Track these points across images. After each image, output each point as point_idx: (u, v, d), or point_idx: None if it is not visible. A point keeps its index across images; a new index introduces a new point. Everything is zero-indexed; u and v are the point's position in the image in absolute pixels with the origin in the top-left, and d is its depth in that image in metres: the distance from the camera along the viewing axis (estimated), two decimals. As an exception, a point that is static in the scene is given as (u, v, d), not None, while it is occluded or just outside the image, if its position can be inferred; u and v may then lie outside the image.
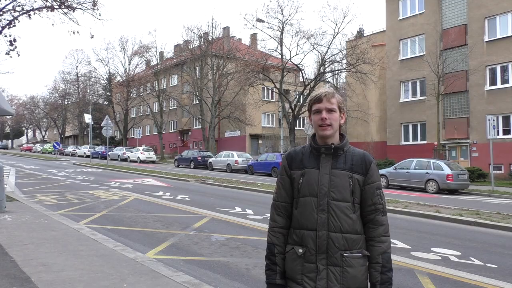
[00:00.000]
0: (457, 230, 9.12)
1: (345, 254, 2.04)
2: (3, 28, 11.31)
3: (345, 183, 2.09)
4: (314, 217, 2.08)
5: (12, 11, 11.46)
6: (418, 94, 29.26)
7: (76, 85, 65.91)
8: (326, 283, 2.04)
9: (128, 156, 41.33)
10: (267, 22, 31.57)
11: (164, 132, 50.62)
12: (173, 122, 54.52)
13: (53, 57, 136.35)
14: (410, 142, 29.50)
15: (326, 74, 33.92)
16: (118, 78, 54.96)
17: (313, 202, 2.09)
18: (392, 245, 7.06)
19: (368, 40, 31.27)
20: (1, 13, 11.38)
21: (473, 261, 6.28)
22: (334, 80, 41.36)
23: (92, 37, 14.55)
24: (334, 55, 31.86)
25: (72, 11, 11.62)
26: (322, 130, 2.13)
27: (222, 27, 44.79)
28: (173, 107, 52.58)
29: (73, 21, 11.85)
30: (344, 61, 31.84)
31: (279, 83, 32.60)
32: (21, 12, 11.42)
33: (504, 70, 24.99)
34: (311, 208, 2.10)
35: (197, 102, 43.34)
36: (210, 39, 40.35)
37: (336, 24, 32.06)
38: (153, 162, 40.31)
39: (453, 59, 26.22)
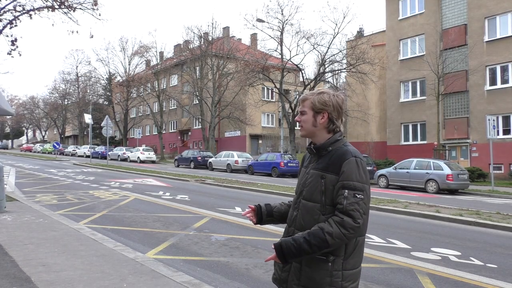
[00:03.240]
0: (457, 230, 9.12)
1: None
2: (4, 27, 11.32)
3: (316, 183, 2.06)
4: (291, 214, 2.21)
5: (13, 11, 11.47)
6: (418, 94, 29.26)
7: (76, 85, 65.92)
8: (287, 275, 2.11)
9: (128, 156, 41.33)
10: (267, 22, 31.59)
11: (164, 132, 50.63)
12: (173, 122, 54.53)
13: (53, 57, 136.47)
14: (410, 142, 29.51)
15: (326, 74, 33.95)
16: (118, 78, 54.99)
17: (294, 200, 2.23)
18: (392, 245, 7.12)
19: (368, 40, 31.26)
20: (2, 12, 11.38)
21: (473, 261, 6.28)
22: (334, 80, 41.39)
23: (92, 37, 14.55)
24: (334, 55, 31.92)
25: (72, 11, 11.62)
26: (300, 131, 2.29)
27: (222, 27, 44.89)
28: (173, 107, 52.58)
29: (73, 21, 11.86)
30: (344, 61, 31.87)
31: (279, 83, 32.61)
32: (22, 12, 11.42)
33: (504, 70, 24.98)
34: (292, 205, 2.24)
35: (197, 102, 43.35)
36: (210, 39, 40.36)
37: (336, 24, 32.14)
38: (153, 162, 40.31)
39: (453, 59, 26.22)
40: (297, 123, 2.26)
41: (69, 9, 11.58)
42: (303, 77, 33.23)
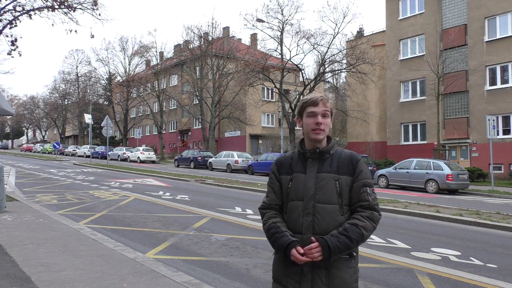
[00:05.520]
0: (457, 230, 9.11)
1: None
2: (4, 28, 11.31)
3: (331, 185, 2.10)
4: (300, 221, 2.10)
5: (13, 11, 11.47)
6: (418, 94, 29.27)
7: (76, 85, 65.88)
8: (311, 285, 2.06)
9: (128, 156, 41.32)
10: (267, 22, 31.63)
11: (164, 132, 50.62)
12: (173, 122, 54.53)
13: (53, 57, 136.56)
14: (410, 142, 29.51)
15: (326, 74, 33.96)
16: (118, 78, 54.97)
17: (300, 206, 2.12)
18: (392, 245, 7.11)
19: (368, 40, 31.29)
20: (2, 13, 11.38)
21: (473, 261, 6.28)
22: (334, 80, 41.38)
23: (93, 37, 14.55)
24: (334, 55, 31.94)
25: (72, 11, 11.62)
26: (316, 134, 2.14)
27: (222, 27, 44.84)
28: (173, 107, 52.58)
29: (73, 21, 11.86)
30: (344, 61, 31.89)
31: (279, 83, 32.62)
32: (21, 12, 11.42)
33: (504, 70, 24.98)
34: (298, 212, 2.12)
35: (197, 102, 43.35)
36: (210, 39, 40.36)
37: (336, 24, 32.14)
38: (153, 162, 40.30)
39: (453, 59, 26.22)
40: (318, 124, 2.12)
41: (69, 9, 11.59)
42: (303, 77, 33.23)
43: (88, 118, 46.67)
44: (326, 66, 32.22)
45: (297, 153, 2.24)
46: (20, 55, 11.45)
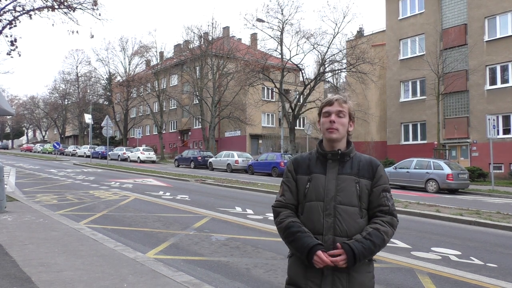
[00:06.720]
0: (457, 229, 9.12)
1: None
2: (3, 28, 11.31)
3: (351, 187, 2.09)
4: (321, 222, 2.08)
5: (13, 11, 11.46)
6: (418, 94, 29.27)
7: (76, 85, 65.87)
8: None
9: (128, 156, 41.33)
10: (267, 22, 31.64)
11: (164, 132, 50.62)
12: (173, 122, 54.53)
13: (53, 57, 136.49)
14: (410, 142, 29.51)
15: (326, 74, 33.96)
16: (118, 78, 54.98)
17: (320, 207, 2.09)
18: (392, 244, 7.11)
19: (368, 40, 31.28)
20: (2, 13, 11.37)
21: (473, 260, 6.28)
22: (334, 80, 41.37)
23: (92, 37, 14.56)
24: (334, 55, 31.92)
25: (72, 11, 11.61)
26: (329, 133, 2.14)
27: (222, 27, 44.82)
28: (173, 107, 52.58)
29: (73, 21, 11.84)
30: (344, 61, 31.89)
31: (279, 83, 32.62)
32: (21, 12, 11.41)
33: (504, 69, 24.98)
34: (318, 212, 2.09)
35: (197, 102, 43.36)
36: (210, 39, 40.36)
37: (336, 24, 32.15)
38: (153, 162, 40.31)
39: (453, 59, 26.21)
40: (331, 122, 2.13)
41: (69, 9, 11.58)
42: (303, 77, 33.24)
43: (88, 118, 46.65)
44: (326, 66, 32.21)
45: (314, 155, 2.22)
46: (20, 55, 11.44)
